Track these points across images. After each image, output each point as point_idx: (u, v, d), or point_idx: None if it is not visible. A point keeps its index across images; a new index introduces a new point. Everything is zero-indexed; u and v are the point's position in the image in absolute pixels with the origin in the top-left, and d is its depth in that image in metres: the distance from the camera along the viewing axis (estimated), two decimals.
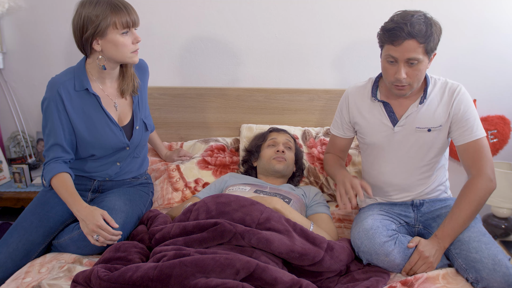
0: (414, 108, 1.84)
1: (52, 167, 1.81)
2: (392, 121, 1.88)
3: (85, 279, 1.44)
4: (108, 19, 1.72)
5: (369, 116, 1.93)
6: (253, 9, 2.58)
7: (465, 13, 2.53)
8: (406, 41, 1.66)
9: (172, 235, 1.66)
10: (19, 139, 2.77)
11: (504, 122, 2.61)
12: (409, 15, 1.67)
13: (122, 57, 1.80)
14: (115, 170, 2.00)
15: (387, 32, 1.70)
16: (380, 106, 1.90)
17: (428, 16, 1.70)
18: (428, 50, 1.69)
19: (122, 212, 1.85)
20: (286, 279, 1.43)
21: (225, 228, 1.58)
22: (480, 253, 1.60)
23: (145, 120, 2.03)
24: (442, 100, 1.84)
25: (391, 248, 1.67)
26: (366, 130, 1.95)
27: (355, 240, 1.76)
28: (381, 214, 1.87)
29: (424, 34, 1.65)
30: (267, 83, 2.70)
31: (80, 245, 1.76)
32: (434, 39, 1.69)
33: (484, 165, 1.75)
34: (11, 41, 2.66)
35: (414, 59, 1.68)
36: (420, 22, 1.65)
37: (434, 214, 1.88)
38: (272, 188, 2.07)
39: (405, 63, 1.70)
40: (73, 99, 1.84)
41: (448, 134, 1.86)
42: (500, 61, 2.60)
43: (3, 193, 2.49)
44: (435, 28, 1.69)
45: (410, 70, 1.71)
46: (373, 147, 1.97)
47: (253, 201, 1.73)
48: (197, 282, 1.36)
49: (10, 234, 1.77)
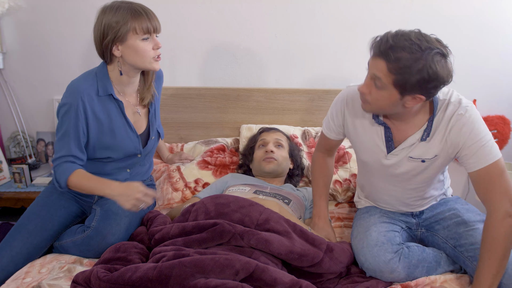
0: (413, 141, 1.65)
1: (65, 168, 1.76)
2: (387, 147, 1.71)
3: (85, 280, 1.44)
4: (128, 24, 1.71)
5: (364, 135, 1.76)
6: (253, 10, 2.59)
7: (465, 13, 2.53)
8: (377, 57, 1.47)
9: (172, 235, 1.66)
10: (19, 139, 2.77)
11: (504, 122, 2.62)
12: (409, 40, 1.42)
13: (142, 63, 1.78)
14: (125, 176, 1.98)
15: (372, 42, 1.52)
16: (380, 129, 1.71)
17: (433, 54, 1.40)
18: (399, 86, 1.45)
19: (126, 217, 1.83)
20: (286, 279, 1.43)
21: (224, 229, 1.58)
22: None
23: (158, 129, 2.04)
24: (449, 133, 1.61)
25: (396, 265, 1.63)
26: (357, 146, 1.82)
27: (359, 255, 1.71)
28: (384, 221, 1.80)
29: (398, 66, 1.42)
30: (267, 83, 2.71)
31: (82, 249, 1.76)
32: (410, 79, 1.42)
33: (498, 198, 1.50)
34: (11, 41, 2.66)
35: (378, 79, 1.48)
36: (406, 52, 1.41)
37: (437, 218, 1.82)
38: (273, 189, 2.06)
39: (370, 78, 1.53)
40: (95, 104, 1.81)
41: (448, 159, 1.68)
42: (500, 61, 2.61)
43: (3, 193, 2.48)
44: (425, 72, 1.41)
45: (373, 89, 1.53)
46: (364, 163, 1.86)
47: (252, 202, 1.73)
48: (196, 282, 1.36)
49: (13, 236, 1.75)
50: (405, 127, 1.65)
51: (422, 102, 1.51)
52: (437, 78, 1.42)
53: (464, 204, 1.84)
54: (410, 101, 1.50)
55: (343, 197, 2.32)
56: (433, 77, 1.41)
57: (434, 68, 1.40)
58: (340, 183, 2.33)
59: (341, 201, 2.34)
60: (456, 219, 1.75)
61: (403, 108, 1.54)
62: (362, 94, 1.58)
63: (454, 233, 1.72)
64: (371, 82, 1.52)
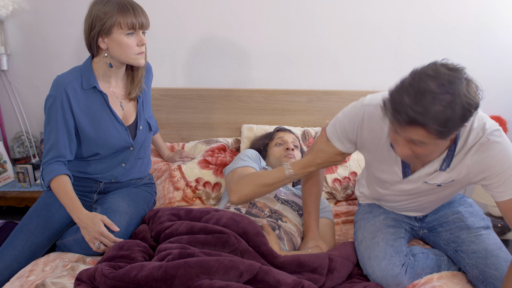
0: (431, 170, 1.55)
1: (51, 169, 1.80)
2: (403, 173, 1.61)
3: (89, 277, 1.45)
4: (114, 18, 1.72)
5: (379, 158, 1.64)
6: (254, 12, 2.59)
7: (462, 16, 2.54)
8: (411, 126, 1.27)
9: (180, 232, 1.66)
10: (23, 139, 2.78)
11: (500, 123, 2.59)
12: (421, 90, 1.22)
13: (126, 57, 1.80)
14: (120, 171, 2.00)
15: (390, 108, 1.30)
16: (397, 156, 1.56)
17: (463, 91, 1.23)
18: (446, 136, 1.29)
19: (126, 214, 1.85)
20: (288, 280, 1.44)
21: (229, 240, 1.58)
22: (501, 271, 1.54)
23: (149, 121, 2.03)
24: (466, 161, 1.49)
25: (402, 278, 1.61)
26: (371, 164, 1.73)
27: (366, 266, 1.68)
28: (390, 225, 1.76)
29: (440, 123, 1.23)
30: (267, 84, 2.72)
31: (84, 247, 1.76)
32: (456, 127, 1.27)
33: None
34: (15, 43, 2.67)
35: (419, 141, 1.31)
36: (441, 105, 1.22)
37: (440, 221, 1.80)
38: (286, 194, 2.03)
39: (406, 142, 1.35)
40: (80, 97, 1.83)
41: (468, 183, 1.58)
42: (496, 63, 2.61)
43: (7, 192, 2.50)
44: (467, 111, 1.24)
45: (415, 148, 1.35)
46: (376, 178, 1.75)
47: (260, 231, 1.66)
48: (201, 283, 1.37)
49: (15, 236, 1.78)
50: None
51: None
52: (476, 105, 1.27)
53: (468, 206, 1.81)
54: (453, 135, 1.35)
55: (342, 195, 2.34)
56: (474, 106, 1.26)
57: (471, 99, 1.24)
58: (340, 182, 2.34)
59: (340, 199, 2.35)
60: (459, 223, 1.74)
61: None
62: (404, 157, 1.44)
63: (456, 237, 1.72)
64: (408, 145, 1.36)
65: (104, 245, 1.73)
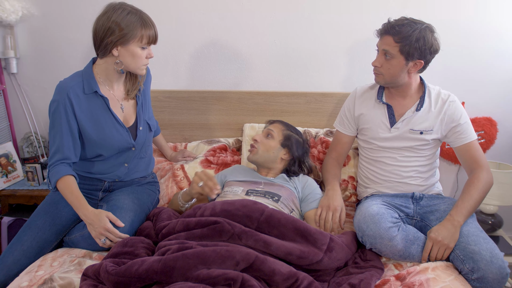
0: (410, 114, 2.04)
1: (57, 170, 1.82)
2: (390, 122, 2.06)
3: (94, 273, 1.48)
4: (137, 31, 1.78)
5: (372, 114, 2.11)
6: (254, 16, 2.62)
7: (455, 20, 2.57)
8: (385, 35, 1.93)
9: (177, 230, 1.69)
10: (32, 139, 2.79)
11: (491, 124, 2.65)
12: (405, 20, 1.90)
13: (134, 67, 1.86)
14: (124, 171, 2.03)
15: (377, 30, 1.99)
16: (384, 107, 2.08)
17: (424, 27, 1.88)
18: (404, 52, 1.88)
19: (130, 211, 1.88)
20: (284, 271, 1.46)
21: (223, 228, 1.61)
22: (479, 245, 1.67)
23: (149, 121, 2.06)
24: (436, 108, 2.01)
25: (395, 233, 1.74)
26: (366, 127, 2.13)
27: (361, 224, 1.82)
28: (384, 204, 1.94)
29: (401, 36, 1.86)
30: (266, 87, 2.74)
31: (90, 242, 1.80)
32: (412, 45, 1.86)
33: (484, 161, 1.94)
34: (24, 47, 2.68)
35: (388, 52, 1.91)
36: (405, 27, 1.87)
37: (432, 209, 1.96)
38: (266, 184, 2.07)
39: (381, 54, 1.95)
40: (82, 101, 1.85)
41: (440, 137, 2.02)
42: (486, 67, 2.64)
43: (17, 190, 2.52)
44: (421, 39, 1.86)
45: (385, 62, 1.94)
46: (373, 144, 2.12)
47: (255, 201, 1.75)
48: (199, 273, 1.40)
49: (24, 232, 1.81)
50: (404, 103, 2.05)
51: (421, 67, 1.93)
52: (431, 45, 1.88)
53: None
54: (413, 67, 1.93)
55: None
56: (428, 44, 1.87)
57: (427, 37, 1.87)
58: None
59: None
60: (448, 212, 1.86)
61: (408, 77, 1.97)
62: (375, 67, 1.98)
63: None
64: (382, 56, 1.95)
65: (109, 240, 1.76)
